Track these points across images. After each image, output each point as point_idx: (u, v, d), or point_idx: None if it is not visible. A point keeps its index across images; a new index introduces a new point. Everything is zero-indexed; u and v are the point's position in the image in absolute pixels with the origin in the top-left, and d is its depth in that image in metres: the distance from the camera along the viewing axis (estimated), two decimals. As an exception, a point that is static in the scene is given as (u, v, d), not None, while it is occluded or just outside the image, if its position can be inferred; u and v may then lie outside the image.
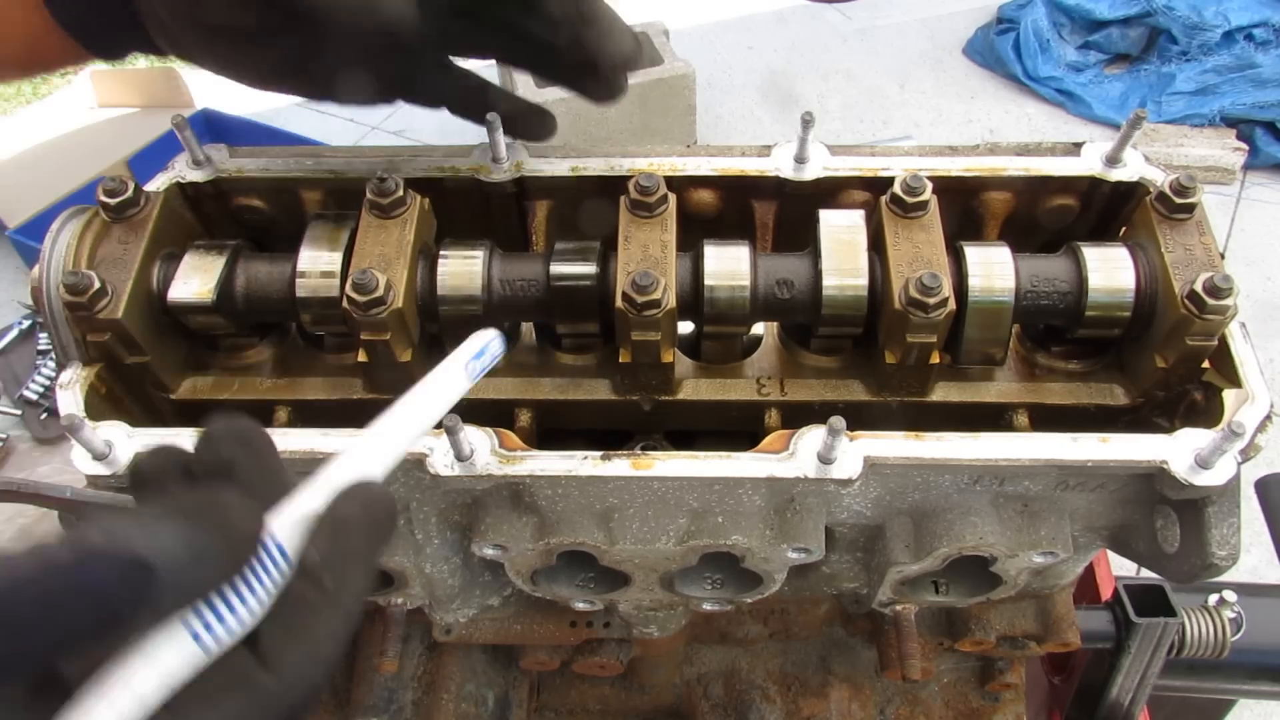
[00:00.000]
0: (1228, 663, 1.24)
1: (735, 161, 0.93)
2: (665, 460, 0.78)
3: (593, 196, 0.95)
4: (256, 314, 0.89)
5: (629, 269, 0.81)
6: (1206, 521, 0.75)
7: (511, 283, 0.86)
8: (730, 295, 0.84)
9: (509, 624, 1.03)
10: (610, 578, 0.88)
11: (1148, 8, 4.62)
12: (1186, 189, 0.82)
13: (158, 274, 0.86)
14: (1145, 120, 0.87)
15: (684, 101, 4.21)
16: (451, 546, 0.91)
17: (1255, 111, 4.40)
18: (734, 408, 0.89)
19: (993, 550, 0.82)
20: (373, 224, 0.84)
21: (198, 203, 0.95)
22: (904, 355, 0.82)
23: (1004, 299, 0.82)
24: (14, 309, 3.54)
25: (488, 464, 0.77)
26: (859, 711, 1.15)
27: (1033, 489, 0.82)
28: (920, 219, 0.84)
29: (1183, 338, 0.78)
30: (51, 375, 3.02)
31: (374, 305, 0.78)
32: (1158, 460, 0.75)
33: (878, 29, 5.40)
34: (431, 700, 1.11)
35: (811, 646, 1.16)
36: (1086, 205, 0.94)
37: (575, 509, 0.81)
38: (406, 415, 0.62)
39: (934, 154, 0.93)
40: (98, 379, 0.84)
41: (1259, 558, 2.55)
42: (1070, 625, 1.04)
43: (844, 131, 4.66)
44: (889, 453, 0.77)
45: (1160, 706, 1.41)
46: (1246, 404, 0.77)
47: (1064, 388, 0.88)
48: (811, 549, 0.81)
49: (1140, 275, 0.82)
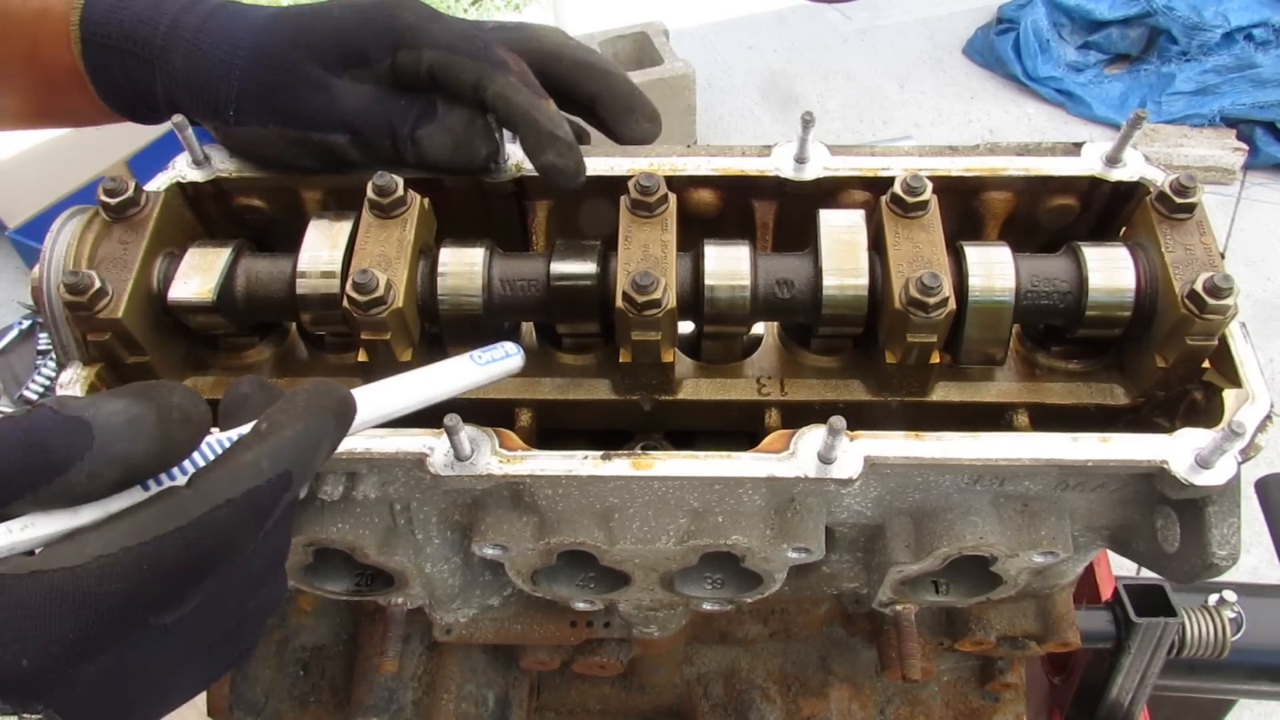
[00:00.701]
0: (1228, 663, 1.24)
1: (735, 161, 0.93)
2: (665, 460, 0.78)
3: (593, 196, 0.95)
4: (257, 314, 0.89)
5: (629, 269, 0.81)
6: (1206, 521, 0.75)
7: (512, 282, 0.86)
8: (730, 295, 0.84)
9: (509, 624, 1.03)
10: (610, 578, 0.88)
11: (1148, 8, 4.62)
12: (1187, 189, 0.82)
13: (158, 274, 0.86)
14: (1145, 120, 0.87)
15: (684, 101, 4.21)
16: (451, 546, 0.91)
17: (1255, 111, 4.40)
18: (734, 408, 0.89)
19: (993, 550, 0.82)
20: (373, 224, 0.84)
21: (198, 202, 0.95)
22: (904, 355, 0.82)
23: (1004, 299, 0.82)
24: (14, 309, 3.54)
25: (488, 464, 0.77)
26: (859, 711, 1.15)
27: (1033, 489, 0.82)
28: (920, 219, 0.84)
29: (1183, 337, 0.78)
30: (52, 375, 3.03)
31: (374, 305, 0.78)
32: (1158, 460, 0.75)
33: (878, 29, 5.40)
34: (431, 700, 1.11)
35: (811, 646, 1.16)
36: (1087, 205, 0.94)
37: (575, 509, 0.81)
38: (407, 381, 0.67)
39: (934, 154, 0.93)
40: (98, 379, 0.84)
41: (1259, 558, 2.55)
42: (1070, 625, 1.04)
43: (844, 131, 4.67)
44: (889, 453, 0.77)
45: (1160, 706, 1.42)
46: (1246, 404, 0.77)
47: (1064, 388, 0.88)
48: (811, 549, 0.81)
49: (1140, 275, 0.82)
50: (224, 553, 0.51)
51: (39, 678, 0.46)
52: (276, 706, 1.14)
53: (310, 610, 1.15)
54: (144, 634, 0.50)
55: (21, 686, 0.46)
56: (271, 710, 1.14)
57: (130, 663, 0.50)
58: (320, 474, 0.81)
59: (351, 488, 0.83)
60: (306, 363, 0.94)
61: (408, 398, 0.66)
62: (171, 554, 0.49)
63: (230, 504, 0.50)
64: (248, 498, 0.51)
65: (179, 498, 0.50)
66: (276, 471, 0.52)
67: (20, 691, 0.46)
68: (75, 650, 0.47)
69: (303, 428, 0.54)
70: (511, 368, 0.73)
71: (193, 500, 0.50)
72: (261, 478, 0.51)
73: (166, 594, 0.50)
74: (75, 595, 0.46)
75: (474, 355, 0.71)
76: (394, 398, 0.65)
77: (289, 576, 0.89)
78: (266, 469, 0.52)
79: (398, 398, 0.66)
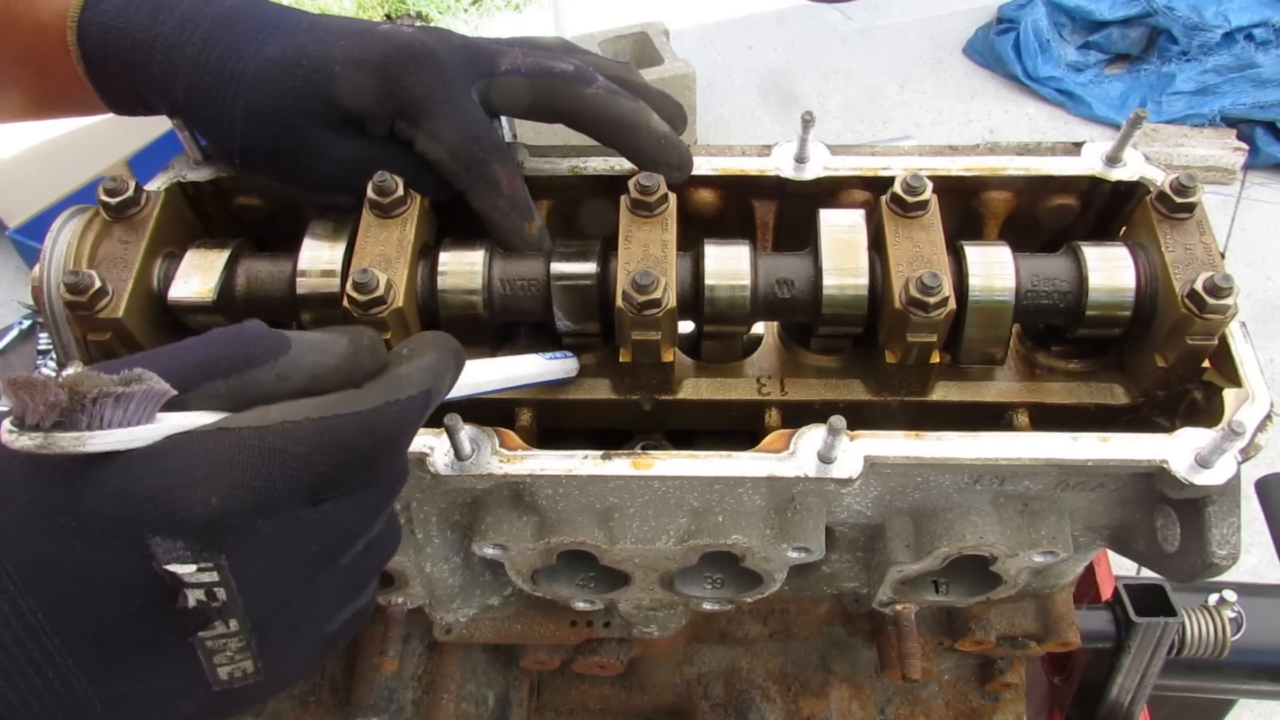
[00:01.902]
0: (1228, 663, 1.24)
1: (735, 161, 0.93)
2: (665, 460, 0.78)
3: (593, 196, 0.95)
4: (257, 313, 0.88)
5: (629, 268, 0.81)
6: (1207, 521, 0.75)
7: (512, 282, 0.86)
8: (730, 295, 0.84)
9: (509, 624, 1.04)
10: (610, 577, 0.88)
11: (1148, 8, 4.62)
12: (1187, 189, 0.82)
13: (158, 273, 0.86)
14: (1145, 120, 0.87)
15: (684, 101, 4.18)
16: (452, 546, 0.91)
17: (1255, 111, 4.40)
18: (734, 407, 0.89)
19: (993, 550, 0.82)
20: (373, 223, 0.85)
21: (198, 202, 0.95)
22: (904, 355, 0.82)
23: (1004, 298, 0.82)
24: (14, 309, 3.55)
25: (488, 463, 0.77)
26: (859, 711, 1.15)
27: (1033, 489, 0.82)
28: (920, 218, 0.84)
29: (1183, 337, 0.78)
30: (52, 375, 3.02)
31: (374, 305, 0.78)
32: (1158, 460, 0.75)
33: (878, 29, 5.40)
34: (431, 700, 1.11)
35: (811, 646, 1.16)
36: (1087, 205, 0.94)
37: (575, 508, 0.81)
38: (489, 363, 0.78)
39: (934, 154, 0.93)
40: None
41: (1259, 558, 2.55)
42: (1070, 625, 1.04)
43: (844, 131, 4.67)
44: (889, 452, 0.77)
45: (1160, 706, 1.42)
46: (1246, 403, 0.77)
47: (1064, 387, 0.88)
48: (811, 548, 0.81)
49: (1140, 275, 0.82)
50: (389, 446, 0.56)
51: (223, 520, 0.48)
52: (276, 706, 1.14)
53: (310, 610, 1.15)
54: (313, 512, 0.53)
55: (207, 526, 0.48)
56: (271, 710, 1.14)
57: (295, 540, 0.53)
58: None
59: (351, 487, 0.83)
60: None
61: (492, 374, 0.77)
62: (351, 432, 0.53)
63: (398, 404, 0.56)
64: (410, 401, 0.57)
65: (357, 391, 0.55)
66: (423, 387, 0.58)
67: (204, 532, 0.48)
68: (257, 499, 0.49)
69: (436, 356, 0.61)
70: (572, 368, 0.86)
71: (370, 393, 0.55)
72: (415, 388, 0.58)
73: (341, 470, 0.53)
74: (262, 449, 0.50)
75: (543, 355, 0.83)
76: (479, 374, 0.75)
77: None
78: (418, 381, 0.58)
79: (483, 374, 0.76)
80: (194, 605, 0.48)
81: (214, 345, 0.53)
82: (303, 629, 0.57)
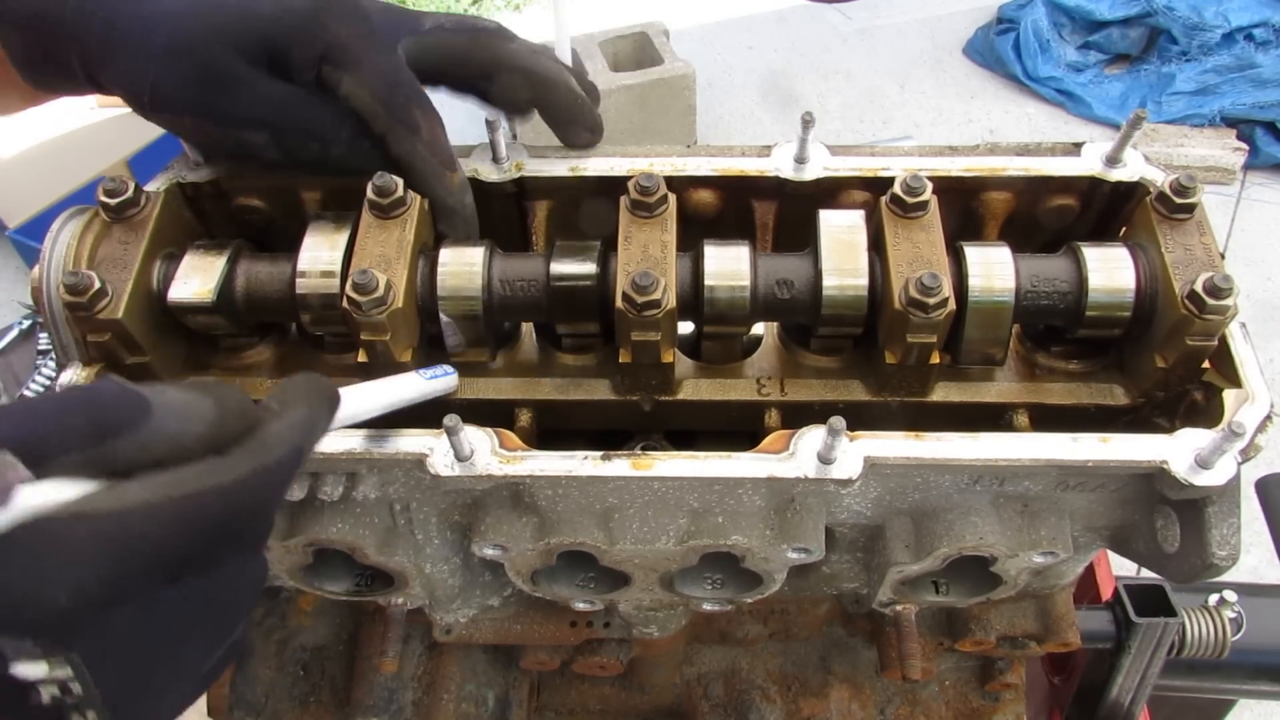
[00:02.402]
0: (1228, 663, 1.24)
1: (735, 161, 0.93)
2: (665, 460, 0.78)
3: (593, 196, 0.95)
4: (257, 314, 0.89)
5: (629, 269, 0.81)
6: (1207, 521, 0.75)
7: (511, 283, 0.86)
8: (730, 295, 0.84)
9: (509, 624, 1.03)
10: (610, 578, 0.88)
11: (1148, 8, 4.62)
12: (1186, 189, 0.82)
13: (158, 274, 0.86)
14: (1145, 120, 0.87)
15: (684, 101, 4.21)
16: (451, 546, 0.91)
17: (1255, 111, 4.40)
18: (734, 408, 0.89)
19: (993, 550, 0.82)
20: (373, 224, 0.84)
21: (198, 203, 0.95)
22: (904, 355, 0.82)
23: (1004, 299, 0.82)
24: (14, 309, 3.55)
25: (488, 464, 0.77)
26: (859, 711, 1.15)
27: (1033, 489, 0.82)
28: (920, 219, 0.84)
29: (1183, 338, 0.78)
30: (52, 375, 3.03)
31: (374, 305, 0.78)
32: (1158, 460, 0.75)
33: (878, 29, 5.40)
34: (431, 700, 1.11)
35: (811, 646, 1.16)
36: (1086, 205, 0.94)
37: (575, 509, 0.81)
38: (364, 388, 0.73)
39: (934, 154, 0.93)
40: (98, 379, 0.84)
41: (1259, 558, 2.55)
42: (1070, 625, 1.04)
43: (844, 131, 4.67)
44: (889, 453, 0.77)
45: (1160, 706, 1.42)
46: (1246, 404, 0.77)
47: (1064, 388, 0.88)
48: (811, 549, 0.81)
49: (1140, 275, 0.82)
50: (256, 516, 0.54)
51: (75, 617, 0.46)
52: (276, 706, 1.14)
53: (310, 610, 1.15)
54: (173, 590, 0.51)
55: (57, 625, 0.46)
56: (271, 710, 1.14)
57: (157, 618, 0.51)
58: (319, 474, 0.81)
59: (351, 488, 0.83)
60: (306, 363, 0.94)
61: (369, 403, 0.72)
62: (214, 509, 0.51)
63: (265, 470, 0.54)
64: (278, 465, 0.55)
65: (222, 460, 0.52)
66: (292, 445, 0.56)
67: (55, 630, 0.46)
68: (113, 592, 0.47)
69: (306, 409, 0.59)
70: (451, 385, 0.83)
71: (236, 461, 0.53)
72: (285, 448, 0.55)
73: (203, 548, 0.51)
74: (118, 537, 0.47)
75: (420, 372, 0.80)
76: (357, 404, 0.71)
77: (290, 577, 0.89)
78: (287, 440, 0.56)
79: (360, 404, 0.71)
80: (49, 702, 0.46)
81: (69, 412, 0.49)
82: (171, 689, 0.55)
